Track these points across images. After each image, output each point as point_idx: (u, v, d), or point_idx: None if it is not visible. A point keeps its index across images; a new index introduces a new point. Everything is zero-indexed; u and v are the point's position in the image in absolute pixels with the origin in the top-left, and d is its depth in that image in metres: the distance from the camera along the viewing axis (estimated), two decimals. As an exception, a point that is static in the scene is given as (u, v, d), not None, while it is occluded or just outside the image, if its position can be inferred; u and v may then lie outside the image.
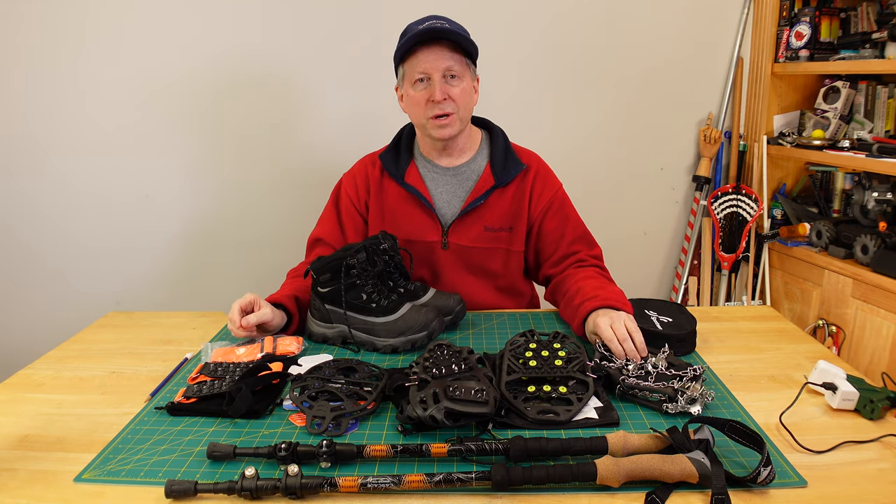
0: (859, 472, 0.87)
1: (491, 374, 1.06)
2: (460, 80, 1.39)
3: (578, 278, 1.40)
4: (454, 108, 1.39)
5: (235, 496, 0.82)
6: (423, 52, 1.36)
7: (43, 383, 1.17)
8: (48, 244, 2.39)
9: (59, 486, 0.86)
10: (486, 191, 1.47)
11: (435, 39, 1.36)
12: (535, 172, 1.50)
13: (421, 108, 1.40)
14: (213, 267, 2.46)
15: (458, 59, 1.38)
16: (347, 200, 1.54)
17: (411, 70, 1.39)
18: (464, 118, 1.43)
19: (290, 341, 1.27)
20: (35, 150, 2.30)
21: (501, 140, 1.52)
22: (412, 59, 1.38)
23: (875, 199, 2.09)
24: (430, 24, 1.36)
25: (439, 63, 1.36)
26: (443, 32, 1.34)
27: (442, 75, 1.37)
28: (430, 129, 1.42)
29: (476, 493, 0.84)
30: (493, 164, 1.49)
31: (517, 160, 1.49)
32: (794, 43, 2.30)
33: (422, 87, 1.39)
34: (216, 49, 2.24)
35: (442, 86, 1.37)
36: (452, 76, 1.38)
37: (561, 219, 1.50)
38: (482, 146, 1.53)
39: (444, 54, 1.36)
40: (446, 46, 1.37)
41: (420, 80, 1.38)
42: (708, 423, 0.90)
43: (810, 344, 1.29)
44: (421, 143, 1.53)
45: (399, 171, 1.50)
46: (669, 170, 2.53)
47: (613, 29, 2.35)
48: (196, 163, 2.35)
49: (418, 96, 1.39)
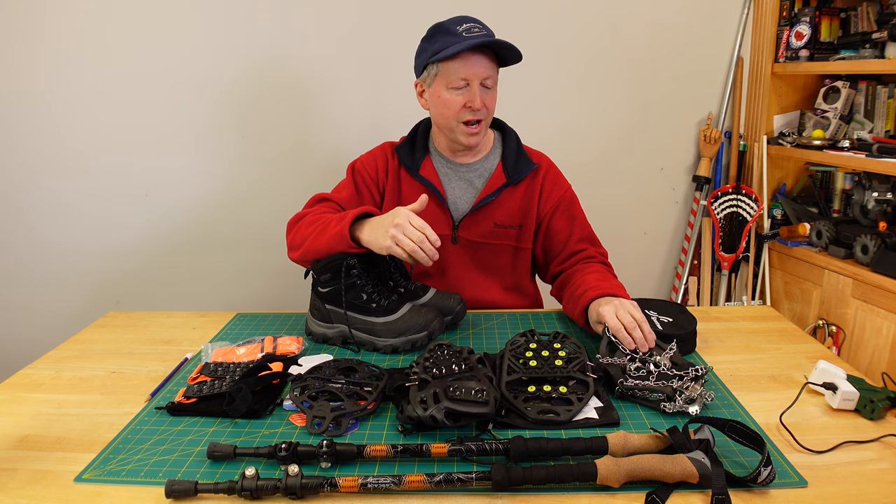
0: (859, 472, 0.87)
1: (491, 374, 1.06)
2: (493, 90, 1.42)
3: (583, 273, 1.41)
4: (485, 116, 1.42)
5: (236, 496, 0.82)
6: (470, 59, 1.36)
7: (43, 383, 1.16)
8: (48, 244, 2.39)
9: (59, 486, 0.86)
10: (498, 188, 1.49)
11: (484, 48, 1.36)
12: (545, 172, 1.53)
13: (454, 112, 1.41)
14: (213, 267, 2.46)
15: (495, 70, 1.41)
16: (367, 175, 1.53)
17: (453, 73, 1.37)
18: (488, 124, 1.47)
19: (290, 341, 1.27)
20: (35, 149, 2.30)
21: (514, 140, 1.55)
22: (455, 62, 1.36)
23: (875, 199, 2.09)
24: (470, 29, 1.36)
25: (482, 72, 1.37)
26: (493, 44, 1.35)
27: (480, 83, 1.38)
28: (460, 134, 1.43)
29: (476, 494, 0.84)
30: (506, 162, 1.51)
31: (528, 160, 1.52)
32: (794, 43, 2.30)
33: (459, 92, 1.39)
34: (216, 49, 2.24)
35: (481, 94, 1.38)
36: (487, 86, 1.40)
37: (569, 218, 1.52)
38: (495, 146, 1.55)
39: (488, 64, 1.38)
40: (489, 55, 1.38)
41: (460, 86, 1.38)
42: (708, 423, 0.90)
43: (810, 344, 1.29)
44: (437, 140, 1.54)
45: (414, 164, 1.52)
46: (669, 170, 2.53)
47: (613, 29, 2.35)
48: (197, 162, 2.35)
49: (454, 100, 1.39)
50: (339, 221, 1.28)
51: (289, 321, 1.44)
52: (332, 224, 1.29)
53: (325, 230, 1.30)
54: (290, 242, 1.39)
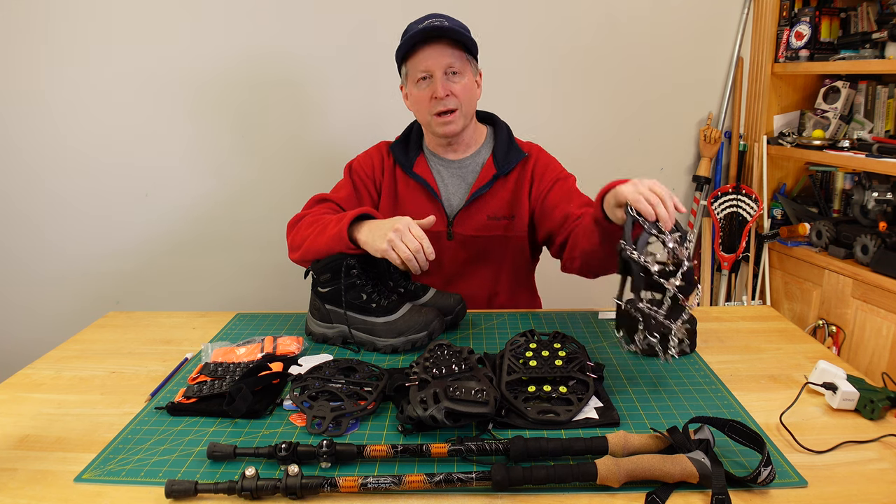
0: (859, 472, 0.87)
1: (491, 374, 1.06)
2: (461, 76, 1.42)
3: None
4: (457, 104, 1.42)
5: (236, 496, 0.82)
6: (424, 51, 1.39)
7: (43, 383, 1.16)
8: (48, 244, 2.39)
9: (59, 486, 0.86)
10: (489, 180, 1.49)
11: (435, 38, 1.38)
12: (535, 160, 1.52)
13: (425, 106, 1.43)
14: (213, 267, 2.46)
15: (458, 56, 1.41)
16: (363, 174, 1.55)
17: (414, 69, 1.42)
18: (467, 113, 1.46)
19: (290, 341, 1.27)
20: (35, 149, 2.30)
21: (505, 133, 1.55)
22: (414, 57, 1.41)
23: (875, 199, 2.09)
24: (428, 23, 1.38)
25: (440, 60, 1.39)
26: (441, 30, 1.37)
27: (444, 72, 1.39)
28: (435, 126, 1.45)
29: (476, 494, 0.83)
30: (496, 154, 1.52)
31: (518, 150, 1.52)
32: (794, 43, 2.30)
33: (424, 84, 1.42)
34: (217, 48, 2.24)
35: (444, 82, 1.39)
36: (454, 73, 1.41)
37: (566, 192, 1.46)
38: (487, 140, 1.56)
39: (444, 52, 1.39)
40: (446, 44, 1.39)
41: (423, 78, 1.41)
42: (708, 423, 0.90)
43: (810, 344, 1.29)
44: (427, 139, 1.56)
45: (408, 162, 1.53)
46: (669, 170, 2.53)
47: (613, 29, 2.35)
48: (197, 162, 2.35)
49: (421, 94, 1.42)
50: (337, 222, 1.28)
51: (289, 321, 1.44)
52: (331, 225, 1.30)
53: (323, 231, 1.30)
54: (290, 243, 1.39)
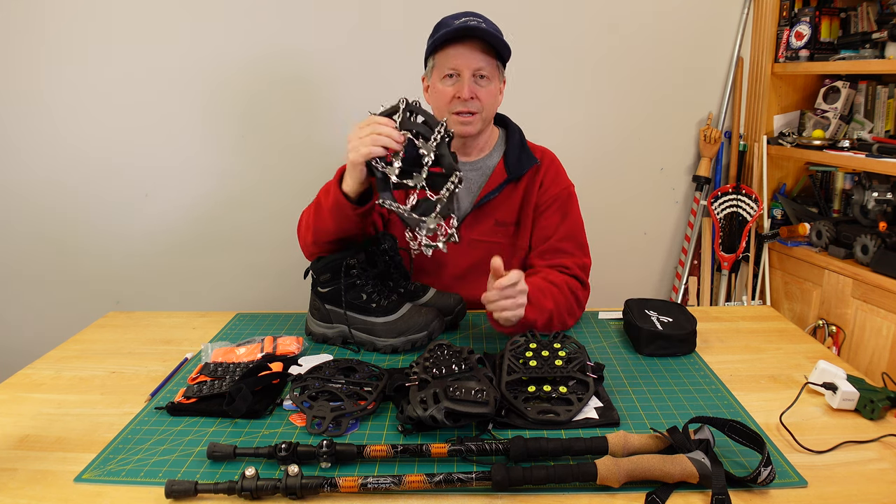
0: (859, 472, 0.87)
1: (491, 374, 1.06)
2: (489, 81, 1.40)
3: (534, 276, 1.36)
4: (479, 108, 1.41)
5: (235, 496, 0.82)
6: (456, 48, 1.37)
7: (43, 383, 1.17)
8: (48, 244, 2.39)
9: (59, 486, 0.86)
10: (499, 185, 1.48)
11: (470, 37, 1.36)
12: (546, 168, 1.51)
13: (446, 103, 1.41)
14: (213, 267, 2.46)
15: (489, 61, 1.39)
16: None
17: (442, 63, 1.39)
18: (486, 119, 1.45)
19: (290, 341, 1.27)
20: (34, 149, 2.30)
21: (517, 137, 1.53)
22: (444, 52, 1.38)
23: (875, 199, 2.09)
24: (465, 21, 1.35)
25: (471, 62, 1.37)
26: (478, 31, 1.35)
27: (472, 74, 1.38)
28: (452, 124, 1.43)
29: (476, 494, 0.84)
30: (507, 158, 1.50)
31: (531, 155, 1.50)
32: (794, 43, 2.30)
33: (450, 82, 1.40)
34: (217, 48, 2.24)
35: (471, 85, 1.38)
36: (482, 76, 1.39)
37: (561, 215, 1.49)
38: (499, 143, 1.54)
39: (476, 54, 1.37)
40: (480, 46, 1.37)
41: (450, 75, 1.39)
42: (708, 423, 0.91)
43: (810, 344, 1.29)
44: None
45: None
46: (669, 170, 2.53)
47: (613, 29, 2.34)
48: (197, 162, 2.35)
49: (446, 91, 1.40)
50: (327, 194, 1.28)
51: (289, 321, 1.44)
52: (324, 200, 1.29)
53: (320, 209, 1.30)
54: (301, 241, 1.38)
